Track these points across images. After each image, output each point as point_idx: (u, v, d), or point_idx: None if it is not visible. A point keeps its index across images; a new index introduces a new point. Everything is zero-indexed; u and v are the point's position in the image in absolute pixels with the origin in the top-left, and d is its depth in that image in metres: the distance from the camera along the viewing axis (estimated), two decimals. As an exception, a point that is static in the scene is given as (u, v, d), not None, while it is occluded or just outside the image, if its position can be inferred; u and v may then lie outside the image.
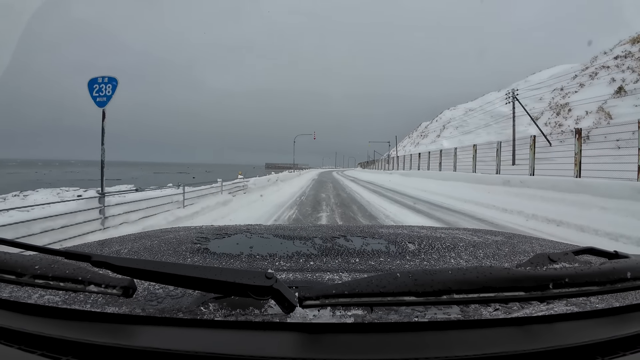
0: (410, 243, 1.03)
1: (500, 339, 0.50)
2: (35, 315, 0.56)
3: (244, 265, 0.83)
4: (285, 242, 1.11)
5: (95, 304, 0.57)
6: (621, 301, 0.59)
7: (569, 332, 0.51)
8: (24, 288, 0.62)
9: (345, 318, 0.51)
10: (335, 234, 1.15)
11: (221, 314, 0.53)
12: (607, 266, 0.52)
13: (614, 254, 0.64)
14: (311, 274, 0.74)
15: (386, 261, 0.86)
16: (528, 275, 0.48)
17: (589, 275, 0.49)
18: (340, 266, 0.81)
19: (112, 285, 0.52)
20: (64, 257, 0.59)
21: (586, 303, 0.58)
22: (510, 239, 1.13)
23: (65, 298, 0.60)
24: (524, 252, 0.92)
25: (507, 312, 0.54)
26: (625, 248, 2.16)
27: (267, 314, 0.53)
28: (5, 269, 0.55)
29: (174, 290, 0.63)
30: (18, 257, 0.58)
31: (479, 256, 0.90)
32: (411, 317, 0.52)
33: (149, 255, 0.91)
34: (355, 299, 0.47)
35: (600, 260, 0.60)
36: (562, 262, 0.55)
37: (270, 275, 0.50)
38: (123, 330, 0.52)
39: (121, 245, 1.02)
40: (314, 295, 0.48)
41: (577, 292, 0.49)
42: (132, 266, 0.54)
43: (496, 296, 0.47)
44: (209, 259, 0.88)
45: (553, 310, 0.54)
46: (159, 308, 0.56)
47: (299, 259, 0.87)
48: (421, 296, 0.46)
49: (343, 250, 0.95)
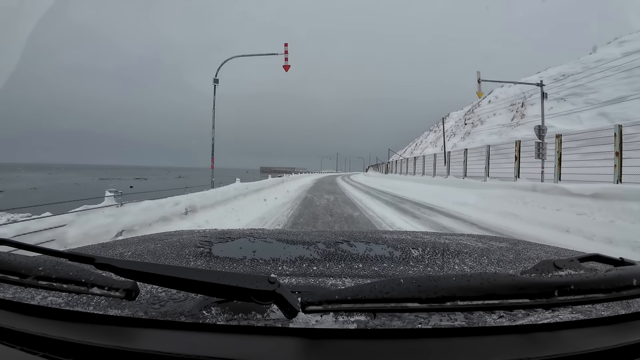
0: (413, 249, 1.02)
1: (505, 346, 0.49)
2: (38, 317, 0.56)
3: (247, 269, 0.83)
4: (288, 246, 1.10)
5: (98, 306, 0.58)
6: (627, 309, 0.58)
7: (574, 340, 0.50)
8: (27, 289, 0.62)
9: (348, 324, 0.50)
10: (338, 239, 1.15)
11: (223, 318, 0.53)
12: (612, 273, 0.51)
13: (620, 261, 0.64)
14: (314, 279, 0.74)
15: (389, 267, 0.85)
16: (533, 282, 0.47)
17: (594, 283, 0.48)
18: (343, 271, 0.81)
19: (115, 288, 0.52)
20: (68, 258, 0.59)
21: (592, 310, 0.57)
22: (515, 245, 1.12)
23: (68, 300, 0.60)
24: (529, 259, 0.92)
25: (512, 319, 0.53)
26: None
27: (269, 319, 0.53)
28: (8, 270, 0.55)
29: (177, 293, 0.63)
30: (22, 258, 0.58)
31: (483, 262, 0.89)
32: (415, 323, 0.52)
33: (152, 258, 0.91)
34: (358, 305, 0.47)
35: (606, 267, 0.60)
36: (568, 269, 0.54)
37: (273, 279, 0.50)
38: (125, 333, 0.52)
39: (125, 247, 1.02)
40: (316, 300, 0.48)
41: (582, 300, 0.48)
42: (136, 269, 0.54)
43: (501, 303, 0.47)
44: (212, 263, 0.88)
45: (558, 318, 0.54)
46: (162, 311, 0.56)
47: (301, 263, 0.87)
48: (425, 302, 0.46)
49: (346, 256, 0.95)
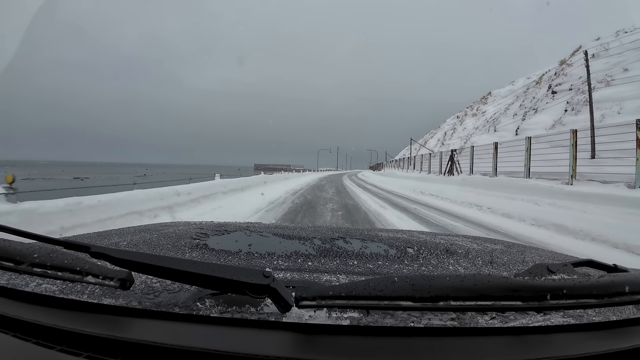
0: (409, 248, 1.02)
1: (496, 347, 0.50)
2: (31, 304, 0.56)
3: (242, 262, 0.83)
4: (284, 241, 1.10)
5: (92, 295, 0.58)
6: (618, 315, 0.59)
7: (565, 344, 0.51)
8: (21, 276, 0.62)
9: (341, 320, 0.51)
10: (334, 236, 1.15)
11: (217, 310, 0.53)
12: (605, 279, 0.51)
13: (613, 267, 0.64)
14: (309, 275, 0.74)
15: (384, 265, 0.85)
16: (526, 285, 0.48)
17: (587, 288, 0.48)
18: (338, 268, 0.81)
19: (109, 277, 0.52)
20: (63, 246, 0.59)
21: (583, 315, 0.57)
22: (509, 248, 1.13)
23: (63, 288, 0.60)
24: (523, 262, 0.92)
25: (504, 321, 0.54)
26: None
27: (263, 313, 0.53)
28: (3, 256, 0.55)
29: (171, 284, 0.63)
30: (17, 244, 0.58)
31: (477, 264, 0.89)
32: (407, 322, 0.52)
33: (148, 249, 0.91)
34: (351, 302, 0.47)
35: (599, 273, 0.60)
36: (561, 273, 0.54)
37: (267, 273, 0.50)
38: (119, 322, 0.52)
39: (120, 237, 1.02)
40: (310, 295, 0.48)
41: (574, 304, 0.49)
42: (131, 259, 0.54)
43: (493, 304, 0.47)
44: (208, 255, 0.88)
45: (550, 322, 0.54)
46: (156, 302, 0.56)
47: (297, 258, 0.87)
48: (418, 301, 0.46)
49: (342, 252, 0.95)
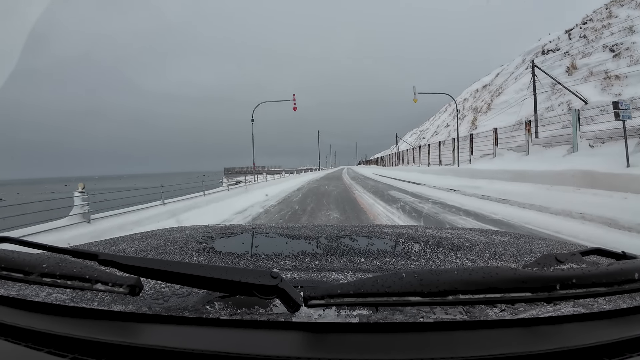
0: (415, 243, 1.02)
1: (506, 339, 0.49)
2: (42, 313, 0.57)
3: (250, 264, 0.84)
4: (290, 241, 1.11)
5: (102, 302, 0.58)
6: (628, 302, 0.58)
7: (575, 333, 0.51)
8: (31, 286, 0.63)
9: (350, 318, 0.51)
10: (340, 234, 1.15)
11: (227, 312, 0.53)
12: (614, 267, 0.51)
13: (622, 255, 0.64)
14: (316, 274, 0.74)
15: (391, 261, 0.85)
16: (535, 276, 0.47)
17: (596, 276, 0.48)
18: (345, 266, 0.81)
19: (118, 284, 0.53)
20: (71, 255, 0.60)
21: (593, 304, 0.57)
22: (517, 239, 1.12)
23: (73, 296, 0.60)
24: (531, 253, 0.92)
25: (514, 313, 0.54)
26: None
27: (272, 313, 0.53)
28: (13, 268, 0.55)
29: (180, 289, 0.63)
30: (26, 255, 0.58)
31: (485, 256, 0.89)
32: (416, 317, 0.52)
33: (156, 254, 0.91)
34: (360, 299, 0.47)
35: (608, 261, 0.59)
36: (570, 262, 0.54)
37: (275, 274, 0.51)
38: (129, 328, 0.52)
39: (128, 244, 1.03)
40: (319, 294, 0.48)
41: (584, 294, 0.48)
42: (139, 265, 0.54)
43: (502, 297, 0.47)
44: (215, 258, 0.88)
45: (560, 312, 0.54)
46: (165, 306, 0.57)
47: (304, 258, 0.87)
48: (427, 296, 0.46)
49: (348, 250, 0.95)
